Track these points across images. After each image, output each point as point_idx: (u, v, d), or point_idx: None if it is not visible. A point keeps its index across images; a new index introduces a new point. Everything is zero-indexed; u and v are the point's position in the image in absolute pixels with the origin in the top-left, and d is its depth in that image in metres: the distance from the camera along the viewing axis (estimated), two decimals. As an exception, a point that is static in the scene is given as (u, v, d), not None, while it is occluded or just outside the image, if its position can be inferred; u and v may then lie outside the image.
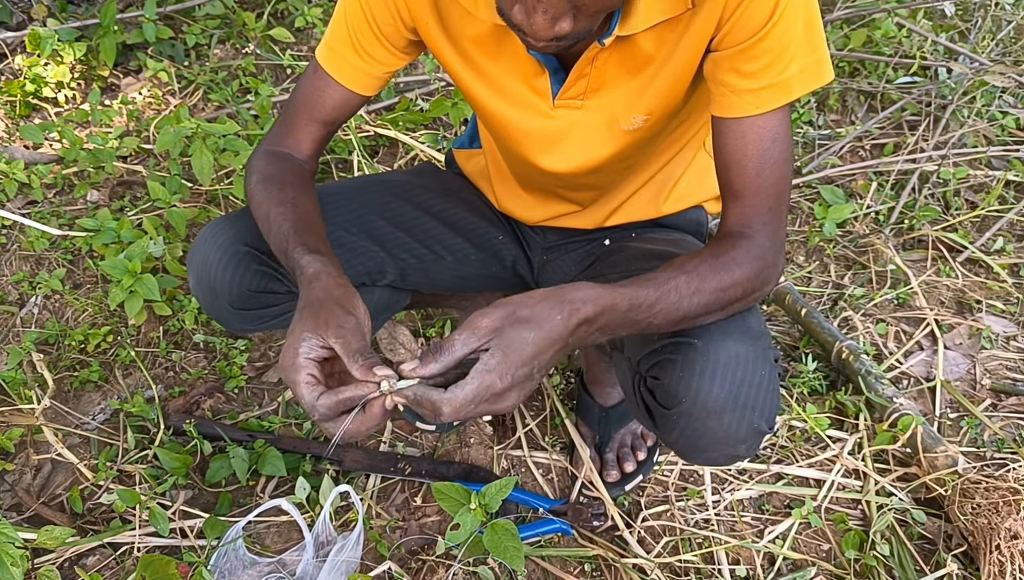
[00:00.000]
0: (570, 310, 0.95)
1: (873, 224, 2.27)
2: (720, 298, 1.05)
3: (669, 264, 1.06)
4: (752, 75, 1.05)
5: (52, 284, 2.01)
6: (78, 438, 1.74)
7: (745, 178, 1.10)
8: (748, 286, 1.08)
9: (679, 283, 1.02)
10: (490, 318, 0.93)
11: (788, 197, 1.13)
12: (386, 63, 1.26)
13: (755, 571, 1.52)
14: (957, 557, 1.51)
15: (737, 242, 1.09)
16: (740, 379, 1.07)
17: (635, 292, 0.99)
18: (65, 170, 2.35)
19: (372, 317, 1.52)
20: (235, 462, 1.63)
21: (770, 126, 1.07)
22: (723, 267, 1.05)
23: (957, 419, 1.78)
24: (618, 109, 1.17)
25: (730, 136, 1.09)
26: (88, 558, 1.53)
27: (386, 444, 1.74)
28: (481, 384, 0.91)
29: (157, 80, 2.69)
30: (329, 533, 1.51)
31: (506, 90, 1.21)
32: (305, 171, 1.31)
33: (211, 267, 1.28)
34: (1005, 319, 2.01)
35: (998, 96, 2.58)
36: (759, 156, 1.08)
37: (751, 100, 1.06)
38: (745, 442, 1.12)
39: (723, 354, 1.07)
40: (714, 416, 1.08)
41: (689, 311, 1.03)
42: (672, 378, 1.09)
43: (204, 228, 1.32)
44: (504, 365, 0.91)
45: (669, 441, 1.18)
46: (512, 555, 1.31)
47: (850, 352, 1.80)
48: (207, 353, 1.93)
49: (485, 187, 1.53)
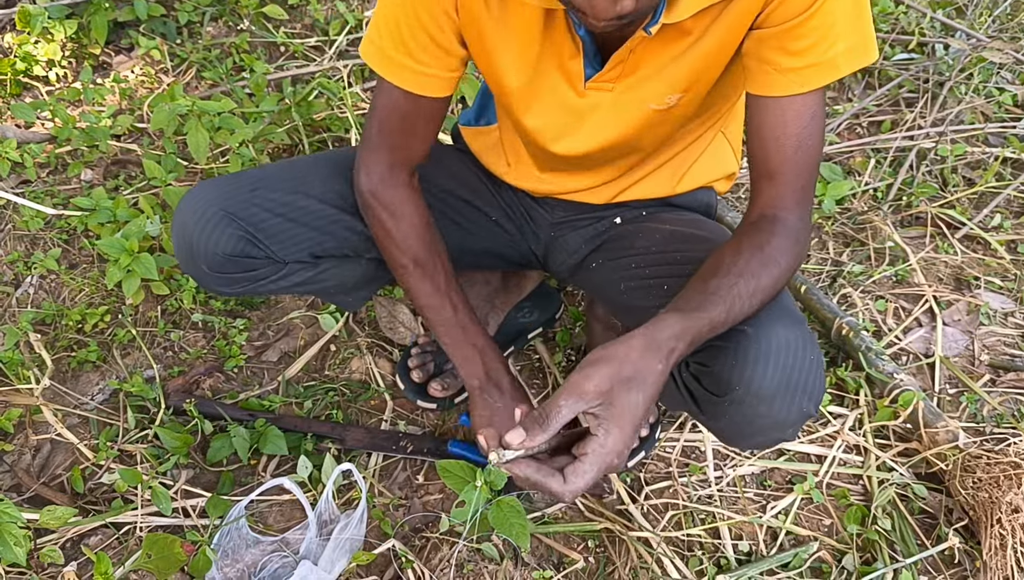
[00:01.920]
0: (667, 353, 0.97)
1: (871, 201, 2.27)
2: (773, 291, 1.08)
3: (718, 265, 1.07)
4: (798, 53, 1.03)
5: (48, 264, 1.99)
6: (77, 418, 1.73)
7: (783, 157, 1.09)
8: (791, 272, 1.11)
9: (740, 290, 1.04)
10: (595, 382, 0.94)
11: (817, 176, 1.14)
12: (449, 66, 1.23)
13: (758, 546, 1.53)
14: (958, 531, 1.52)
15: (775, 229, 1.10)
16: (791, 365, 1.08)
17: (710, 314, 1.02)
18: (58, 149, 2.32)
19: (361, 287, 1.55)
20: (236, 441, 1.62)
21: (810, 104, 1.07)
22: (771, 261, 1.07)
23: (956, 395, 1.79)
24: (650, 89, 1.16)
25: (769, 114, 1.08)
26: (90, 538, 1.53)
27: (387, 423, 1.74)
28: (600, 466, 0.93)
29: (149, 58, 2.66)
30: (332, 511, 1.51)
31: (538, 77, 1.19)
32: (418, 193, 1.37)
33: (188, 229, 1.29)
34: (1003, 295, 2.02)
35: (995, 72, 2.58)
36: (798, 134, 1.08)
37: (795, 79, 1.05)
38: (793, 426, 1.14)
39: (775, 341, 1.07)
40: (766, 403, 1.08)
41: (750, 311, 1.06)
42: (723, 366, 1.09)
43: (186, 193, 1.34)
44: (622, 441, 0.93)
45: (716, 427, 1.19)
46: (518, 532, 1.31)
47: (850, 329, 1.81)
48: (206, 332, 1.92)
49: (492, 161, 1.51)
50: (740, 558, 1.51)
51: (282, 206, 1.33)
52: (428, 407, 1.73)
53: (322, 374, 1.84)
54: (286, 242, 1.34)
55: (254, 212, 1.31)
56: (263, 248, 1.32)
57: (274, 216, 1.33)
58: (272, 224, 1.33)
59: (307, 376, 1.84)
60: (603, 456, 0.92)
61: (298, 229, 1.34)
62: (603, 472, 0.94)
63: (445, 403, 1.71)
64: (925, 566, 1.50)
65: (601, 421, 0.93)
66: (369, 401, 1.78)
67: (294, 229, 1.34)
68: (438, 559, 1.49)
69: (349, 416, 1.75)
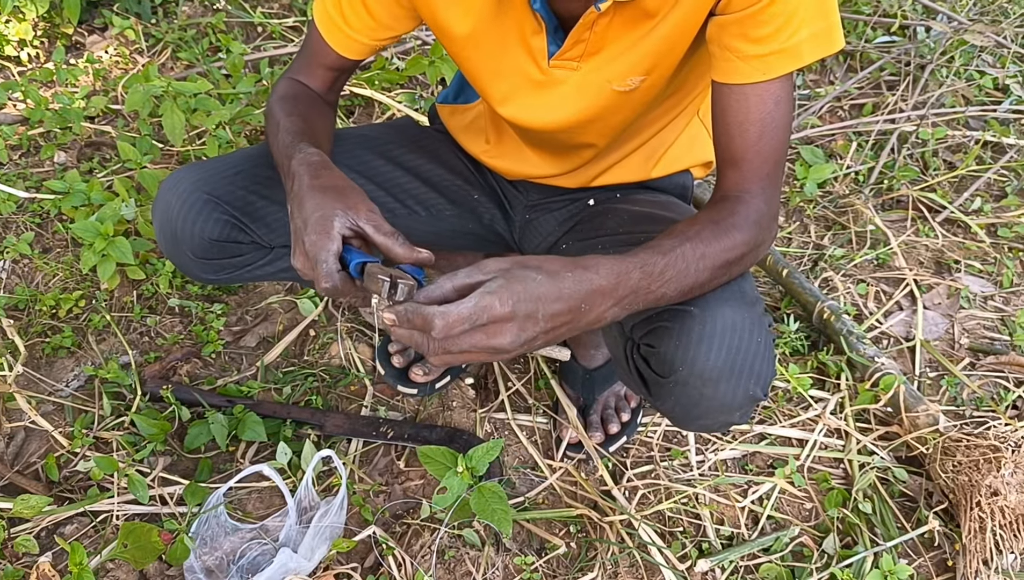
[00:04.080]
0: (582, 275, 0.92)
1: (853, 184, 2.27)
2: (724, 263, 1.04)
3: (670, 231, 1.04)
4: (760, 40, 1.02)
5: (20, 248, 1.96)
6: (52, 405, 1.70)
7: (746, 143, 1.08)
8: (747, 250, 1.07)
9: (685, 250, 1.00)
10: (498, 261, 0.91)
11: (784, 162, 1.12)
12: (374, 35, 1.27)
13: (739, 530, 1.53)
14: (938, 514, 1.52)
15: (735, 207, 1.08)
16: (737, 347, 1.06)
17: (645, 261, 0.97)
18: (30, 131, 2.28)
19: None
20: (214, 428, 1.60)
21: (774, 90, 1.05)
22: (724, 232, 1.04)
23: (937, 378, 1.79)
24: (614, 69, 1.14)
25: (732, 101, 1.07)
26: (66, 527, 1.51)
27: (368, 409, 1.72)
28: (479, 303, 0.85)
29: (123, 38, 2.61)
30: (312, 498, 1.49)
31: (501, 51, 1.18)
32: (321, 99, 1.34)
33: (172, 215, 1.26)
34: (983, 279, 2.02)
35: (976, 56, 2.58)
36: (761, 121, 1.06)
37: (758, 66, 1.03)
38: (740, 409, 1.12)
39: (720, 322, 1.05)
40: (710, 384, 1.07)
41: (697, 279, 1.02)
42: (668, 346, 1.08)
43: (167, 177, 1.30)
44: (507, 290, 0.86)
45: (664, 409, 1.17)
46: (500, 518, 1.31)
47: (831, 312, 1.81)
48: (183, 317, 1.90)
49: (469, 141, 1.49)
50: (722, 542, 1.51)
51: (267, 188, 1.31)
52: (409, 393, 1.72)
53: (301, 360, 1.82)
54: (272, 225, 1.32)
55: (240, 195, 1.29)
56: (250, 232, 1.30)
57: (260, 198, 1.31)
58: (258, 207, 1.30)
59: (286, 362, 1.82)
60: (484, 294, 0.86)
61: (283, 211, 1.32)
62: (480, 312, 0.85)
63: (426, 389, 1.70)
64: (905, 549, 1.51)
65: (493, 277, 0.88)
66: (349, 387, 1.76)
67: (280, 211, 1.32)
68: (419, 545, 1.48)
69: (329, 402, 1.73)
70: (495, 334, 0.87)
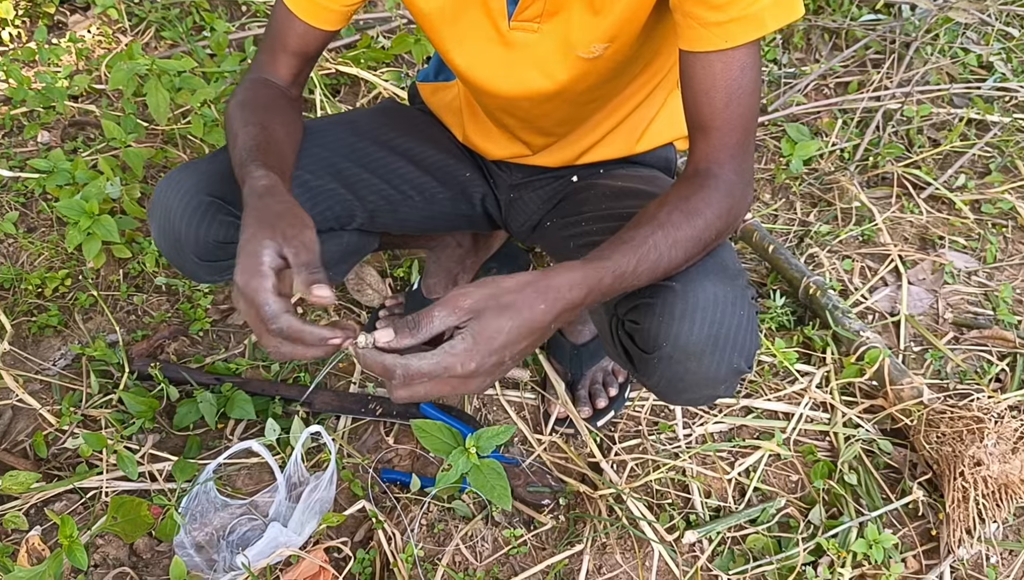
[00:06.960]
0: (555, 298, 0.93)
1: (838, 161, 2.28)
2: (697, 243, 1.05)
3: (641, 217, 1.05)
4: (720, 7, 1.01)
5: (5, 228, 1.94)
6: (39, 384, 1.70)
7: (713, 110, 1.08)
8: (720, 224, 1.08)
9: (656, 240, 1.01)
10: (472, 299, 0.90)
11: (755, 130, 1.12)
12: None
13: (727, 502, 1.54)
14: (922, 485, 1.54)
15: (705, 181, 1.08)
16: (719, 321, 1.07)
17: (616, 263, 0.98)
18: (13, 111, 2.26)
19: (341, 261, 1.50)
20: (203, 406, 1.60)
21: (739, 57, 1.05)
22: (695, 212, 1.04)
23: (921, 352, 1.81)
24: (575, 34, 1.14)
25: (698, 69, 1.07)
26: (55, 504, 1.51)
27: (356, 385, 1.73)
28: (440, 363, 0.88)
29: (106, 17, 2.59)
30: (301, 474, 1.50)
31: (463, 14, 1.17)
32: (284, 96, 1.28)
33: (174, 218, 1.22)
34: (967, 254, 2.04)
35: (961, 33, 2.59)
36: (727, 87, 1.06)
37: (720, 33, 1.03)
38: (725, 382, 1.13)
39: (702, 296, 1.06)
40: (694, 359, 1.08)
41: (671, 263, 1.03)
42: (651, 322, 1.08)
43: (164, 177, 1.26)
44: (470, 352, 0.88)
45: (649, 384, 1.18)
46: (500, 494, 1.31)
47: (817, 287, 1.82)
48: (170, 296, 1.89)
49: (451, 120, 1.49)
50: (710, 514, 1.52)
51: None
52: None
53: (289, 337, 1.81)
54: None
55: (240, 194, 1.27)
56: None
57: None
58: None
59: (274, 339, 1.81)
60: (446, 354, 0.88)
61: None
62: (440, 371, 0.88)
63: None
64: (890, 519, 1.52)
65: (462, 332, 0.90)
66: (337, 364, 1.76)
67: None
68: (409, 519, 1.48)
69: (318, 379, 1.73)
70: (461, 385, 0.91)
